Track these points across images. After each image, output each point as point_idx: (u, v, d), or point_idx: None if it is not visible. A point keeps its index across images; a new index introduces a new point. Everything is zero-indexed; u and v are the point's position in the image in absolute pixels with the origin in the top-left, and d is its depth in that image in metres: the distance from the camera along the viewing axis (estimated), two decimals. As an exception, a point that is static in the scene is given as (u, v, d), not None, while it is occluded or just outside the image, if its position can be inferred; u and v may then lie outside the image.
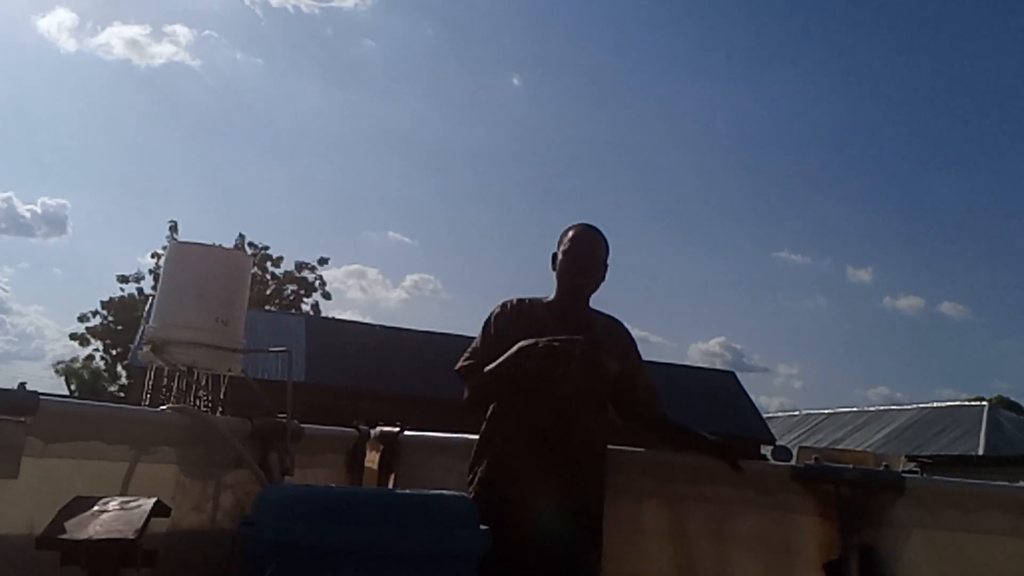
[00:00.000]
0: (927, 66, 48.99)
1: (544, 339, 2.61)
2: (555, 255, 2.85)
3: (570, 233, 2.85)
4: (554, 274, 2.85)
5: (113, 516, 1.84)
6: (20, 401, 1.97)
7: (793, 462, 2.75)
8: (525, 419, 2.68)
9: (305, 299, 33.97)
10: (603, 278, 2.86)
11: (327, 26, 49.88)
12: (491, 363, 2.70)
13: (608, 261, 2.86)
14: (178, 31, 55.70)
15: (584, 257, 2.81)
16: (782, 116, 50.91)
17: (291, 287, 34.02)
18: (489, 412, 2.78)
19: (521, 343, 2.63)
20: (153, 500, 1.92)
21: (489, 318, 2.83)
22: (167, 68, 45.92)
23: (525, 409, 2.68)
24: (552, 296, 2.87)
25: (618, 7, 54.13)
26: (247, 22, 49.21)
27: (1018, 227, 47.65)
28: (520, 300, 2.87)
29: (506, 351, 2.66)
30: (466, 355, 2.82)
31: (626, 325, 2.94)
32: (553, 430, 2.64)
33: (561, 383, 2.64)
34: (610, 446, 2.80)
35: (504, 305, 2.84)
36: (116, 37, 53.47)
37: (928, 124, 50.55)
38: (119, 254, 65.10)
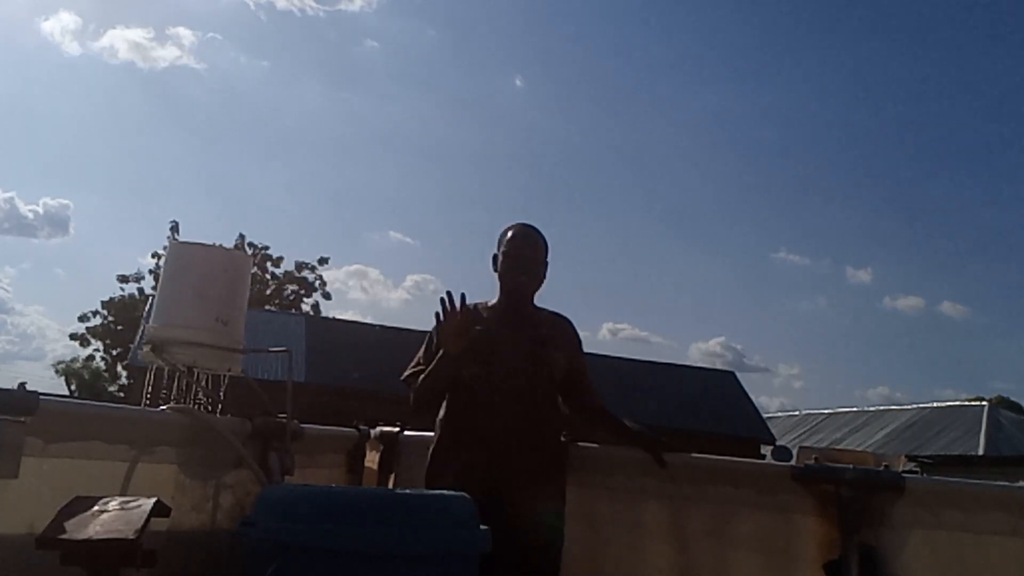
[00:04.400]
0: (927, 67, 49.06)
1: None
2: (495, 256, 2.88)
3: (509, 233, 2.88)
4: (496, 275, 2.88)
5: (113, 516, 1.84)
6: (20, 401, 1.97)
7: (793, 462, 2.74)
8: (471, 417, 2.74)
9: (305, 299, 34.02)
10: (544, 277, 2.90)
11: (330, 28, 49.96)
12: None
13: (548, 260, 2.90)
14: (181, 33, 55.85)
15: (524, 257, 2.84)
16: (782, 117, 51.02)
17: (291, 287, 34.04)
18: (441, 413, 2.84)
19: (440, 355, 2.69)
20: (153, 500, 1.91)
21: (433, 329, 2.86)
22: (170, 71, 46.09)
23: (470, 407, 2.74)
24: (496, 298, 2.90)
25: (620, 10, 54.20)
26: (251, 24, 49.28)
27: (1018, 227, 47.69)
28: (463, 306, 2.88)
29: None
30: (412, 364, 2.89)
31: (571, 321, 2.98)
32: (500, 425, 2.69)
33: (508, 378, 2.71)
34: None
35: None
36: (119, 40, 53.63)
37: (928, 124, 50.64)
38: (121, 254, 65.40)
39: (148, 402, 2.54)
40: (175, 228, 2.70)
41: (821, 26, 51.68)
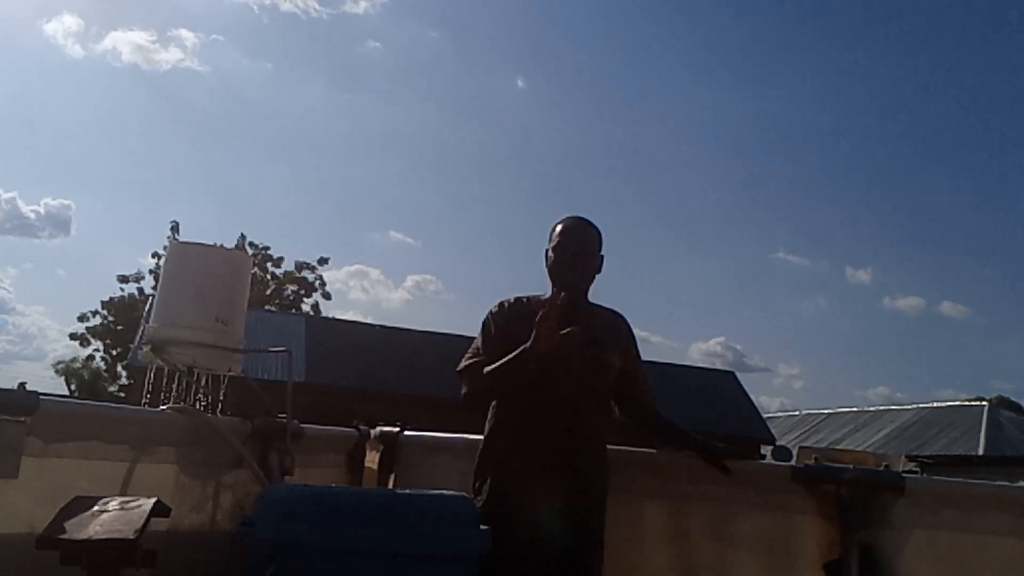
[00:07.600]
0: (926, 67, 49.05)
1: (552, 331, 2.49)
2: (546, 252, 2.79)
3: (559, 227, 2.78)
4: (547, 271, 2.78)
5: (113, 516, 1.85)
6: (20, 401, 1.97)
7: (793, 462, 2.74)
8: (527, 419, 2.65)
9: (305, 299, 34.01)
10: (598, 270, 2.80)
11: (333, 30, 49.90)
12: (492, 363, 2.64)
13: (602, 252, 2.80)
14: (184, 36, 55.77)
15: (575, 252, 2.73)
16: (781, 117, 51.03)
17: (291, 287, 34.04)
18: (492, 413, 2.75)
19: (524, 346, 2.55)
20: (153, 500, 1.92)
21: (488, 318, 2.78)
22: (173, 73, 46.10)
23: (527, 409, 2.65)
24: (548, 293, 2.78)
25: (620, 11, 54.20)
26: (254, 27, 49.24)
27: (1018, 227, 47.71)
28: (517, 299, 2.80)
29: (507, 350, 2.60)
30: (468, 355, 2.76)
31: (625, 318, 2.89)
32: (555, 429, 2.62)
33: (564, 382, 2.62)
34: (610, 445, 2.79)
35: (501, 304, 2.78)
36: (122, 42, 53.83)
37: (927, 125, 50.65)
38: (121, 254, 65.42)
39: (148, 402, 2.54)
40: (175, 228, 2.70)
41: (821, 26, 51.75)
